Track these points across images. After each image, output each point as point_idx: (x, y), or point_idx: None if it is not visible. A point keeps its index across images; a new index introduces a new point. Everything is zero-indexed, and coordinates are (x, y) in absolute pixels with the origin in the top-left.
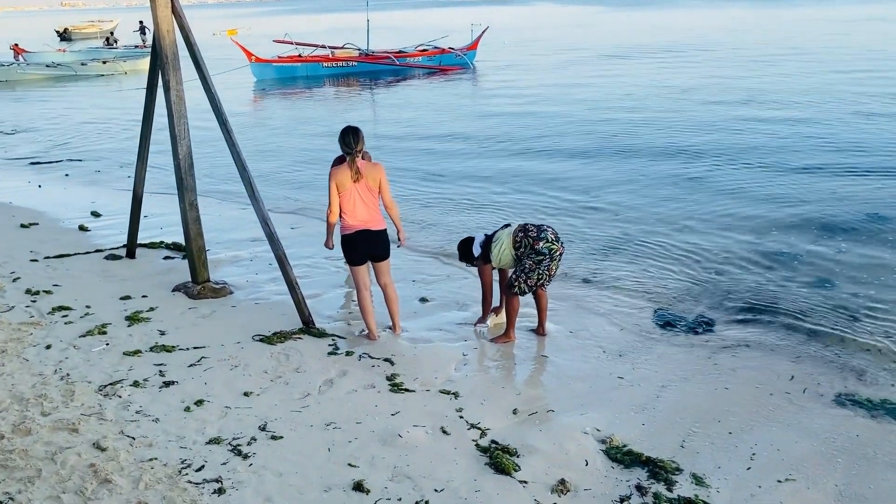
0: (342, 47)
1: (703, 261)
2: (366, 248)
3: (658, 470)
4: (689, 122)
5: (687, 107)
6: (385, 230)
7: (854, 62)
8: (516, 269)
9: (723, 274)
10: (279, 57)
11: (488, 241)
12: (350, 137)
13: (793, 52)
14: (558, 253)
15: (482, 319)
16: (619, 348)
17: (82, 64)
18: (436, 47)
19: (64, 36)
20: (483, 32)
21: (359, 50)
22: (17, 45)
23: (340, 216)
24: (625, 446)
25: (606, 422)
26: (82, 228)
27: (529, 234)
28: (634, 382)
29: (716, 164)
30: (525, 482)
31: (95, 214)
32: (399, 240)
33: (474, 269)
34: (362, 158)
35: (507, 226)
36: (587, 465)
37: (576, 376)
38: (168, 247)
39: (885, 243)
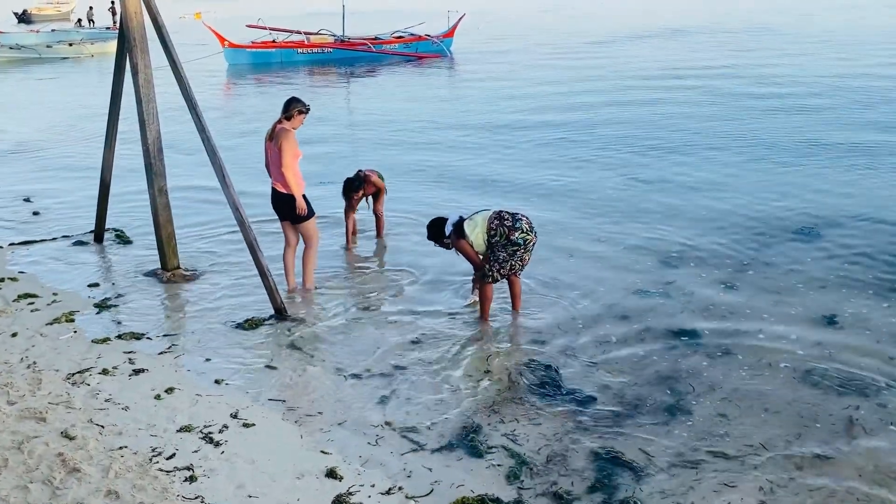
0: (317, 33)
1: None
2: (276, 206)
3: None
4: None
5: (676, 93)
6: (291, 196)
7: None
8: (490, 257)
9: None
10: (253, 42)
11: (461, 222)
12: (286, 103)
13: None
14: (532, 243)
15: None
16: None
17: (47, 46)
18: (412, 34)
19: (23, 18)
20: (460, 19)
21: (334, 36)
22: None
23: None
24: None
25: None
26: (36, 214)
27: (505, 222)
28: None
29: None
30: (498, 465)
31: (27, 200)
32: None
33: (445, 251)
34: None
35: (483, 210)
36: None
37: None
38: (117, 234)
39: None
